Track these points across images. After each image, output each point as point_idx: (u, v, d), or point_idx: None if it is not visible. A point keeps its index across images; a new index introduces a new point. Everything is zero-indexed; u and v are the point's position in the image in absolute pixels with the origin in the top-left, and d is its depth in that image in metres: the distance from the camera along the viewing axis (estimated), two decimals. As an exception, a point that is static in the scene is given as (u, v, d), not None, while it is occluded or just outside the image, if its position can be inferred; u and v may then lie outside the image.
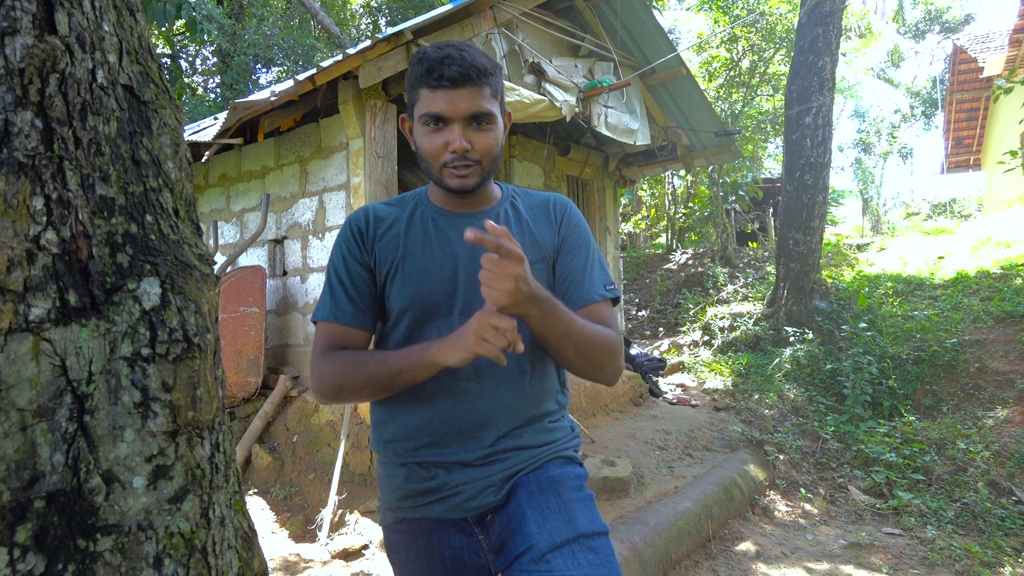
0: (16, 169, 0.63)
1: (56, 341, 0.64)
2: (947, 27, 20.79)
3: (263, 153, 4.79)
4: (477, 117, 1.06)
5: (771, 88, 11.91)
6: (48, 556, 0.61)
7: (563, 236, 1.18)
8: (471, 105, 1.05)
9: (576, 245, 1.18)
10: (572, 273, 1.16)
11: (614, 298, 1.17)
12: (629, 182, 7.40)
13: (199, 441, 0.76)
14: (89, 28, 0.72)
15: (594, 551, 1.01)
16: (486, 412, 1.09)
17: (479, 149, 1.07)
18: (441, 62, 1.04)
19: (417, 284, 1.10)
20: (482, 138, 1.07)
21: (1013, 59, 9.83)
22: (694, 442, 4.65)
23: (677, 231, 12.99)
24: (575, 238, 1.18)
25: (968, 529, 3.36)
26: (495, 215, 1.17)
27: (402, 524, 1.14)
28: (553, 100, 4.55)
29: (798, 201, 6.61)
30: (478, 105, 1.05)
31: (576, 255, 1.17)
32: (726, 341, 7.09)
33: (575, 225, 1.20)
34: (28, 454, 0.61)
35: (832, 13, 6.49)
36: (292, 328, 4.55)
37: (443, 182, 1.10)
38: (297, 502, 3.78)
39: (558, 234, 1.18)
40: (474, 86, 1.05)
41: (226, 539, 0.79)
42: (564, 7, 5.40)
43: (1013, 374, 4.69)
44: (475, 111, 1.05)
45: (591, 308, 1.14)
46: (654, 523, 2.95)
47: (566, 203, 1.23)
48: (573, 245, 1.18)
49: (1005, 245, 7.76)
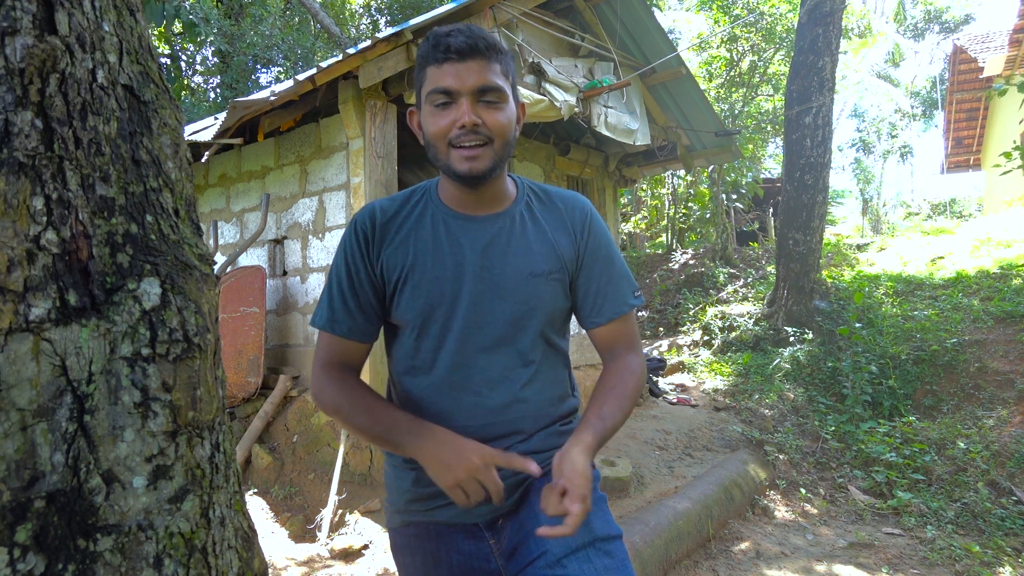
0: (16, 169, 0.63)
1: (56, 341, 0.64)
2: (947, 27, 20.78)
3: (263, 153, 4.79)
4: (487, 91, 0.99)
5: (771, 88, 11.91)
6: (48, 556, 0.61)
7: (588, 248, 1.13)
8: (480, 78, 0.98)
9: (602, 256, 1.14)
10: (600, 285, 1.12)
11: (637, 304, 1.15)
12: (629, 182, 7.39)
13: (199, 441, 0.76)
14: (89, 28, 0.72)
15: (610, 555, 1.00)
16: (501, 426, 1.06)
17: (490, 125, 1.00)
18: (448, 35, 0.99)
19: (428, 295, 1.06)
20: (493, 115, 1.00)
21: (1013, 59, 9.83)
22: (694, 442, 4.65)
23: (677, 231, 12.98)
24: (600, 249, 1.14)
25: (968, 529, 3.36)
26: (509, 219, 1.10)
27: (409, 527, 1.12)
28: (553, 100, 4.54)
29: (798, 201, 6.60)
30: (487, 79, 0.99)
31: (603, 266, 1.13)
32: (726, 341, 7.09)
33: (599, 235, 1.15)
34: (28, 454, 0.61)
35: (832, 13, 6.49)
36: (292, 328, 4.55)
37: (451, 167, 1.02)
38: (297, 502, 3.78)
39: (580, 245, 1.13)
40: (482, 59, 0.99)
41: (226, 539, 0.79)
42: (564, 7, 5.40)
43: (1013, 374, 4.69)
44: (484, 84, 0.99)
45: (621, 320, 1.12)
46: (654, 523, 2.95)
47: (587, 211, 1.16)
48: (599, 256, 1.13)
49: (1005, 245, 7.76)
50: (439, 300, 1.06)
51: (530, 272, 1.08)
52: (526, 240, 1.10)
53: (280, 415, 4.31)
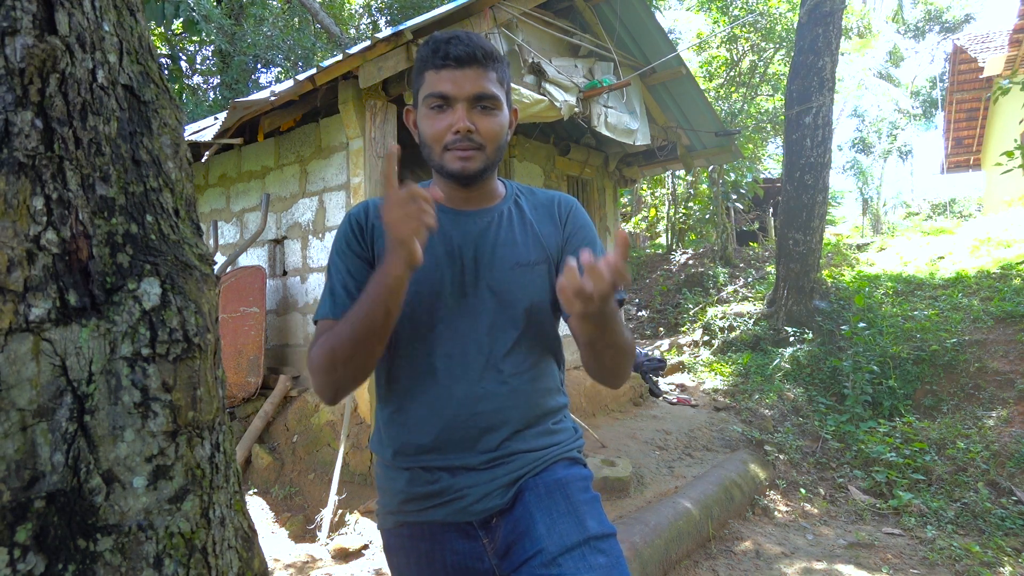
0: (16, 169, 0.63)
1: (56, 341, 0.64)
2: (947, 27, 20.79)
3: (263, 153, 4.79)
4: (482, 99, 1.04)
5: (771, 88, 11.92)
6: (48, 556, 0.61)
7: (568, 235, 1.16)
8: (476, 86, 1.03)
9: (581, 244, 1.16)
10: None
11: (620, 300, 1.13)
12: (629, 182, 7.39)
13: (199, 441, 0.76)
14: (89, 28, 0.72)
15: (604, 553, 1.01)
16: (490, 416, 1.07)
17: (483, 132, 1.05)
18: (447, 42, 1.03)
19: (418, 285, 1.07)
20: (487, 122, 1.05)
21: (1013, 59, 9.83)
22: (694, 442, 4.65)
23: (677, 231, 12.99)
24: (581, 237, 1.16)
25: (968, 529, 3.36)
26: (498, 213, 1.15)
27: (403, 528, 1.12)
28: (553, 100, 4.54)
29: (798, 201, 6.61)
30: (483, 87, 1.04)
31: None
32: (726, 341, 7.09)
33: (581, 224, 1.18)
34: (28, 454, 0.61)
35: (832, 13, 6.49)
36: (292, 328, 4.55)
37: (444, 167, 1.07)
38: (297, 502, 3.78)
39: (562, 233, 1.17)
40: (480, 67, 1.04)
41: (226, 539, 0.79)
42: (564, 7, 5.40)
43: (1013, 374, 4.69)
44: (480, 92, 1.03)
45: None
46: (654, 523, 2.95)
47: (571, 202, 1.21)
48: (579, 244, 1.16)
49: (1005, 245, 7.76)
50: (429, 289, 1.08)
51: (516, 262, 1.11)
52: (513, 232, 1.14)
53: (280, 415, 4.31)
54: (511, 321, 1.10)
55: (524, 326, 1.10)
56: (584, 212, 1.22)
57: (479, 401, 1.07)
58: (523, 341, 1.10)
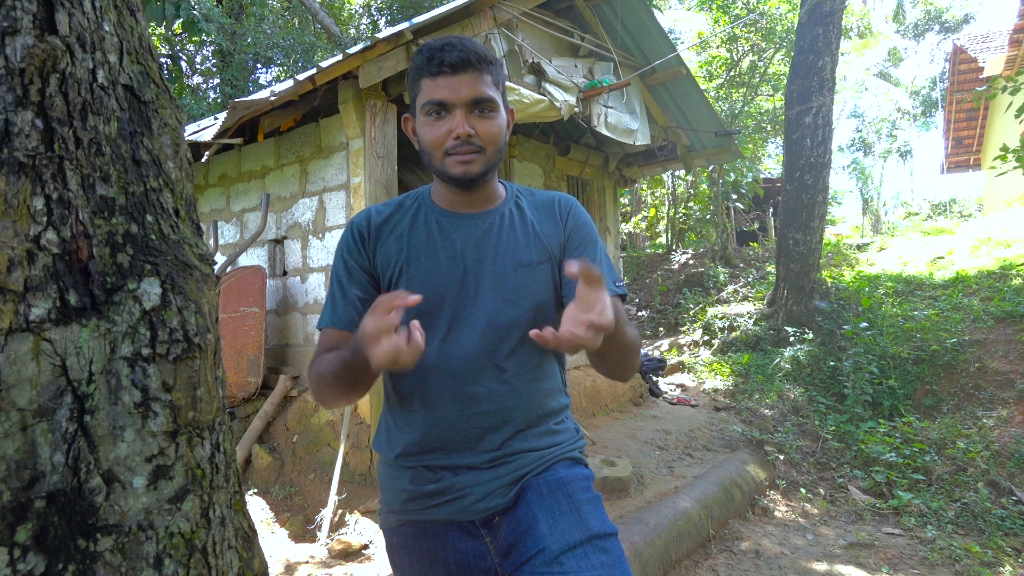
0: (16, 169, 0.63)
1: (56, 341, 0.64)
2: (947, 27, 20.78)
3: (263, 153, 4.79)
4: (479, 103, 1.05)
5: (771, 88, 11.91)
6: (48, 556, 0.61)
7: (568, 233, 1.17)
8: (473, 91, 1.04)
9: (582, 242, 1.16)
10: None
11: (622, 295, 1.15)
12: (629, 182, 7.40)
13: (199, 441, 0.76)
14: (90, 28, 0.72)
15: (606, 552, 1.01)
16: (492, 416, 1.08)
17: (483, 135, 1.06)
18: (441, 49, 1.04)
19: (421, 288, 1.08)
20: (485, 125, 1.06)
21: (1013, 59, 9.83)
22: (694, 442, 4.65)
23: (677, 231, 12.99)
24: (581, 235, 1.17)
25: (968, 529, 3.36)
26: (499, 215, 1.16)
27: (406, 527, 1.13)
28: (553, 100, 4.54)
29: (798, 201, 6.61)
30: (480, 91, 1.05)
31: (583, 252, 1.16)
32: (726, 341, 7.09)
33: (581, 223, 1.19)
34: (28, 454, 0.61)
35: (832, 13, 6.49)
36: (292, 328, 4.55)
37: (446, 172, 1.08)
38: (297, 502, 3.78)
39: (563, 232, 1.17)
40: (475, 71, 1.05)
41: (226, 539, 0.79)
42: (564, 7, 5.40)
43: (1013, 374, 4.69)
44: (477, 96, 1.05)
45: None
46: (654, 523, 2.95)
47: (571, 201, 1.22)
48: (579, 242, 1.16)
49: (1005, 245, 7.76)
50: (433, 292, 1.09)
51: (519, 263, 1.12)
52: (515, 233, 1.15)
53: (280, 415, 4.31)
54: (514, 321, 1.10)
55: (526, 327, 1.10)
56: (584, 211, 1.23)
57: (482, 401, 1.08)
58: (526, 341, 1.10)
